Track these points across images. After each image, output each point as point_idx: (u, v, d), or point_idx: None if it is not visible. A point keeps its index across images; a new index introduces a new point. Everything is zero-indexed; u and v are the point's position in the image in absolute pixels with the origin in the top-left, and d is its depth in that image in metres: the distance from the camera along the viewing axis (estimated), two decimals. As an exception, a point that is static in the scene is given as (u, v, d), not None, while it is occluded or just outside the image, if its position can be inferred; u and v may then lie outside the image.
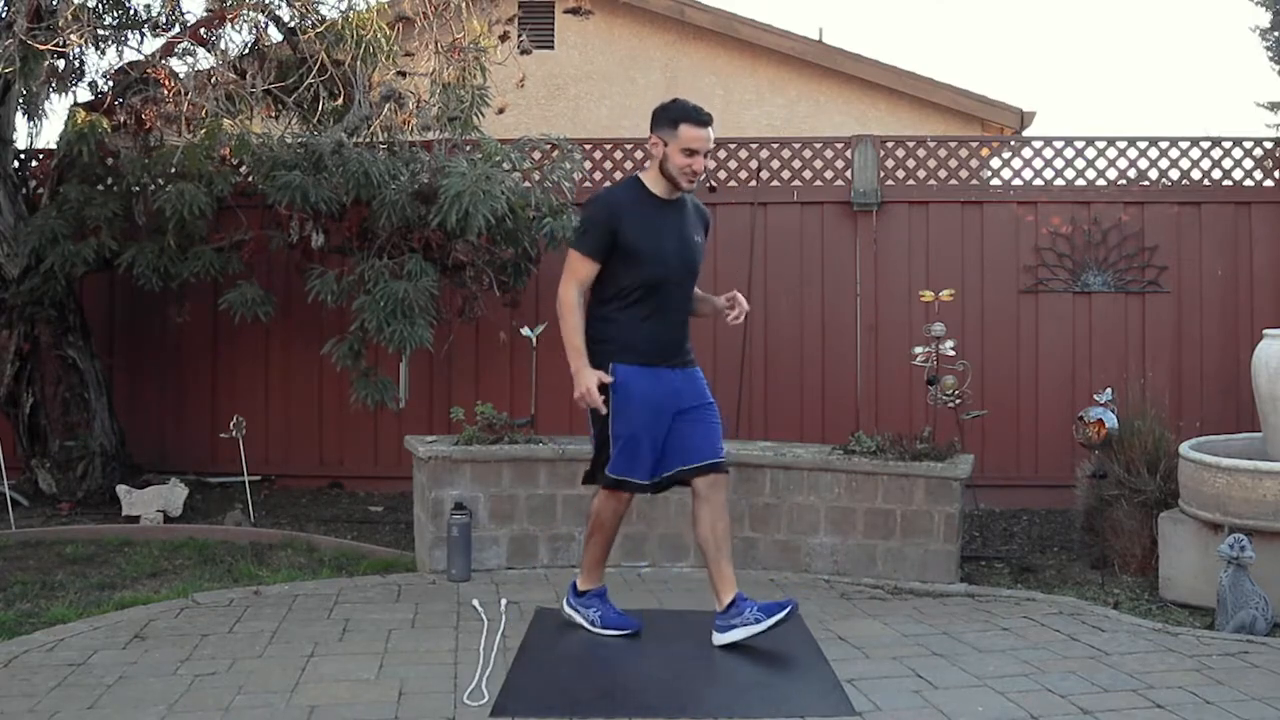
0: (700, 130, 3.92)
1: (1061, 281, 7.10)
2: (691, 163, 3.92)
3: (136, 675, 3.67)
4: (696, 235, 4.08)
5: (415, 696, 3.49)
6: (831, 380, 7.19)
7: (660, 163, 3.96)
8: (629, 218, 3.91)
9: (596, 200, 4.09)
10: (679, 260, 3.99)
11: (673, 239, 3.98)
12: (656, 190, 3.99)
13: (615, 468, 3.94)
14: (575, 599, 4.22)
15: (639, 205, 3.96)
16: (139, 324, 7.43)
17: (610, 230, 3.89)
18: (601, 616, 4.14)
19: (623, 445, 3.92)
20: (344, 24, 6.22)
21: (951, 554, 5.07)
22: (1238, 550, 4.29)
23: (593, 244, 3.91)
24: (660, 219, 3.97)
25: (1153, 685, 3.63)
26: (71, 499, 6.60)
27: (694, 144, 3.90)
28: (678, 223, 4.02)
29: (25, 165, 7.13)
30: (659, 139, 3.95)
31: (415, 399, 7.00)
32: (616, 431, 3.92)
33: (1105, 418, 5.43)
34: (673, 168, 3.93)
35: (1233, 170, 7.11)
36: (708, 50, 11.10)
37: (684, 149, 3.90)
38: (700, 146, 3.91)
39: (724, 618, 3.95)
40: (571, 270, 3.94)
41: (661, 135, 3.95)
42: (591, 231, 3.94)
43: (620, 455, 3.92)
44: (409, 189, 6.22)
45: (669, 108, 3.99)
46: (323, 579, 5.10)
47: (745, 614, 3.91)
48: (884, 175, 7.22)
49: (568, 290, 3.93)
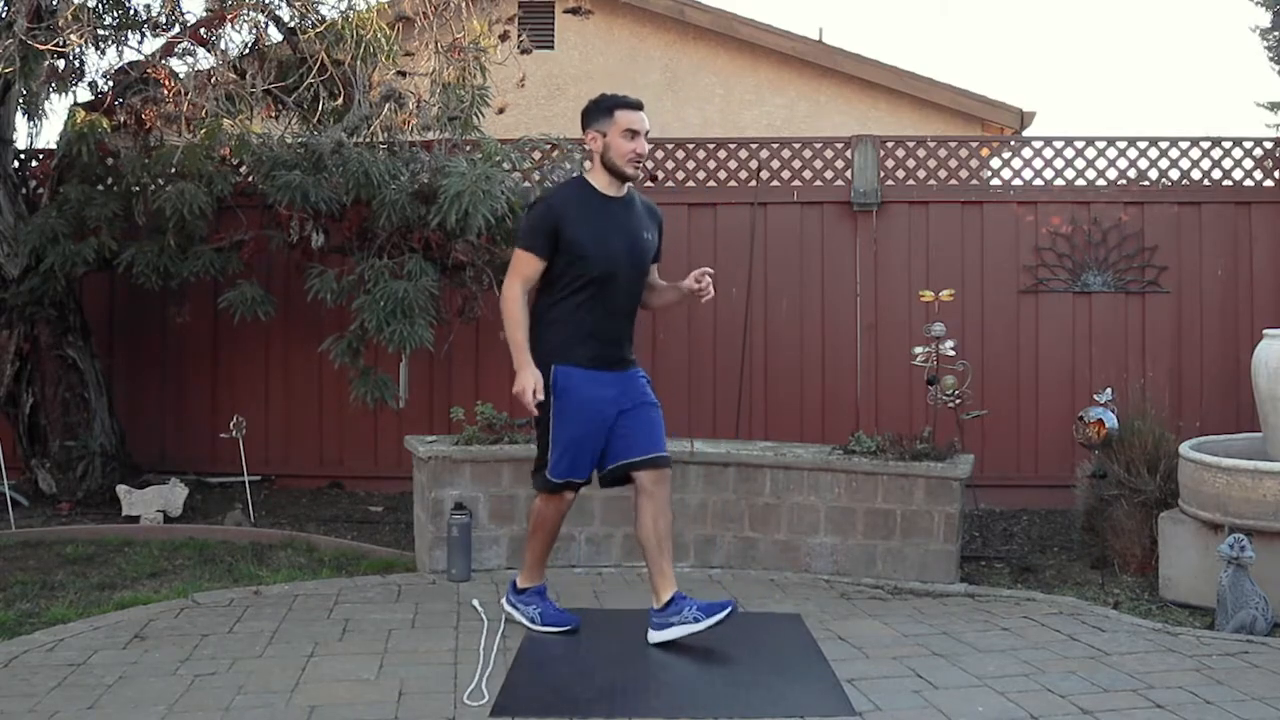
0: (635, 112, 3.95)
1: (1061, 281, 7.10)
2: (635, 146, 3.92)
3: (136, 675, 3.67)
4: (647, 233, 4.06)
5: (415, 696, 3.49)
6: (831, 380, 7.19)
7: (601, 156, 3.95)
8: (572, 215, 3.90)
9: (540, 199, 4.12)
10: (626, 258, 3.97)
11: (620, 236, 3.96)
12: (601, 187, 3.99)
13: (556, 471, 3.96)
14: (515, 596, 4.24)
15: (583, 203, 3.95)
16: (139, 324, 7.43)
17: (553, 228, 3.89)
18: (541, 614, 4.16)
19: (563, 449, 3.93)
20: (344, 24, 6.22)
21: (951, 554, 5.07)
22: (1238, 550, 4.29)
23: (536, 241, 3.91)
24: (606, 216, 3.95)
25: (1153, 685, 3.63)
26: (71, 499, 6.59)
27: (633, 125, 3.92)
28: (625, 220, 4.00)
29: (25, 165, 7.13)
30: (595, 133, 3.96)
31: (415, 399, 7.00)
32: (557, 436, 3.93)
33: (1105, 418, 5.43)
34: (616, 156, 3.93)
35: (1233, 170, 7.11)
36: (708, 50, 11.11)
37: (624, 131, 3.91)
38: (639, 127, 3.93)
39: (661, 615, 3.95)
40: (516, 268, 3.96)
41: (598, 128, 3.95)
42: (535, 229, 3.93)
43: (562, 459, 3.94)
44: (409, 189, 6.21)
45: (599, 101, 4.01)
46: (323, 579, 5.10)
47: (684, 612, 3.91)
48: (884, 175, 7.22)
49: (512, 287, 3.95)
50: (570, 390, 3.91)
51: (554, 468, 3.96)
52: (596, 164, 3.99)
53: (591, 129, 3.97)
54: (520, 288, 3.94)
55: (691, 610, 3.91)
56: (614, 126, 3.92)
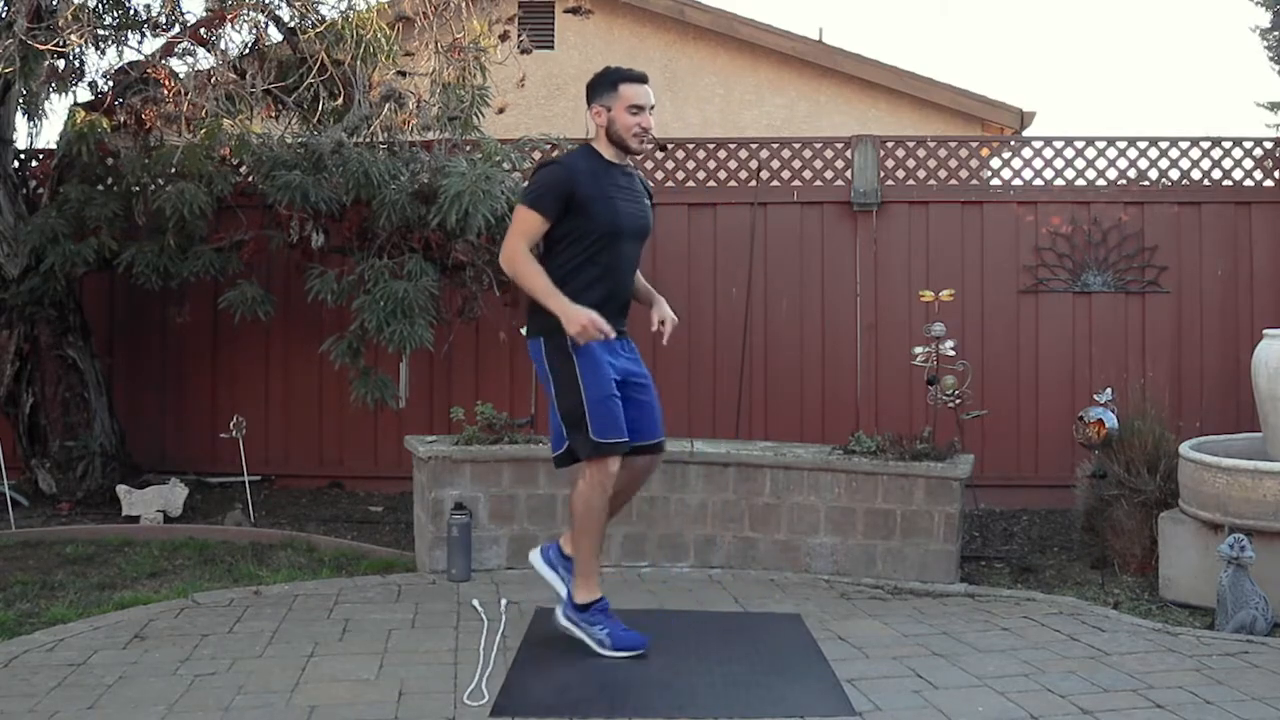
0: (640, 86, 3.92)
1: (1061, 281, 7.10)
2: (640, 120, 3.89)
3: (136, 675, 3.67)
4: (645, 201, 4.07)
5: (415, 696, 3.49)
6: (831, 380, 7.19)
7: (606, 130, 3.93)
8: (585, 180, 3.86)
9: (553, 163, 4.03)
10: (632, 223, 3.96)
11: (627, 202, 3.95)
12: (609, 157, 3.97)
13: (600, 430, 3.75)
14: (577, 614, 3.92)
15: (593, 170, 3.92)
16: (139, 324, 7.43)
17: (568, 192, 3.82)
18: (611, 636, 3.87)
19: (601, 406, 3.77)
20: (344, 24, 6.22)
21: (951, 554, 5.07)
22: (1238, 550, 4.29)
23: (548, 203, 3.82)
24: (614, 183, 3.94)
25: (1153, 685, 3.63)
26: (71, 499, 6.59)
27: (638, 99, 3.89)
28: (629, 189, 4.00)
29: (25, 165, 7.12)
30: (600, 108, 3.92)
31: (415, 399, 7.00)
32: (590, 395, 3.77)
33: (1105, 418, 5.43)
34: (621, 129, 3.90)
35: (1233, 170, 7.11)
36: (708, 50, 11.11)
37: (629, 107, 3.88)
38: (644, 101, 3.90)
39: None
40: (521, 228, 3.84)
41: (602, 103, 3.92)
42: (548, 192, 3.84)
43: (601, 418, 3.76)
44: (409, 189, 6.21)
45: (603, 74, 3.97)
46: (323, 579, 5.10)
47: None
48: (884, 175, 7.22)
49: (517, 245, 3.82)
50: (589, 348, 3.79)
51: (596, 428, 3.75)
52: (601, 137, 3.97)
53: (596, 103, 3.94)
54: (525, 245, 3.83)
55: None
56: (619, 101, 3.89)
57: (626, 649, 3.86)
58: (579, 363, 3.79)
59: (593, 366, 3.79)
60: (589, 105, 3.98)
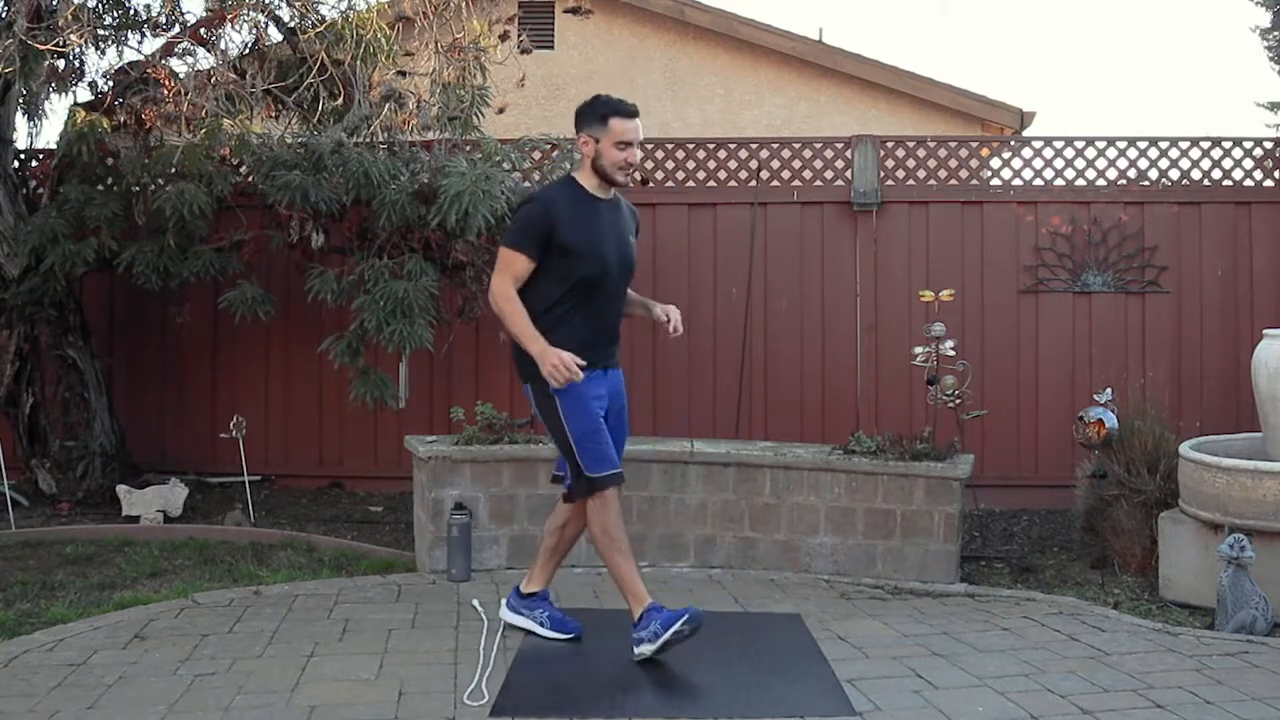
0: (630, 121, 3.90)
1: (1061, 281, 7.10)
2: (626, 155, 3.90)
3: (136, 675, 3.67)
4: (631, 236, 4.08)
5: (415, 696, 3.49)
6: (831, 380, 7.19)
7: (592, 161, 3.93)
8: (566, 217, 3.87)
9: (533, 198, 4.03)
10: (618, 259, 3.96)
11: (611, 238, 3.95)
12: (591, 188, 3.97)
13: (592, 466, 3.85)
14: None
15: (576, 204, 3.92)
16: (139, 324, 7.43)
17: (547, 228, 3.84)
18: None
19: (584, 441, 3.85)
20: (344, 24, 6.22)
21: (951, 554, 5.07)
22: (1238, 550, 4.29)
23: (527, 244, 3.85)
24: (597, 218, 3.94)
25: (1153, 685, 3.64)
26: (71, 499, 6.59)
27: (626, 135, 3.88)
28: (614, 222, 4.00)
29: (25, 165, 7.12)
30: (588, 138, 3.92)
31: (415, 399, 7.00)
32: (575, 432, 3.85)
33: (1105, 418, 5.43)
34: (606, 164, 3.91)
35: (1233, 170, 7.10)
36: (708, 50, 11.11)
37: (616, 143, 3.88)
38: (632, 138, 3.90)
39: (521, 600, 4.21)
40: (506, 268, 3.88)
41: (590, 134, 3.92)
42: (529, 229, 3.87)
43: (588, 453, 3.85)
44: (409, 189, 6.21)
45: (594, 104, 3.96)
46: (323, 579, 5.10)
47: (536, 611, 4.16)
48: (884, 175, 7.22)
49: (504, 285, 3.86)
50: (570, 388, 3.84)
51: (588, 464, 3.85)
52: (586, 166, 3.97)
53: (585, 133, 3.94)
54: (511, 286, 3.87)
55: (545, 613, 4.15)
56: (607, 135, 3.89)
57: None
58: (560, 402, 3.85)
59: (574, 401, 3.85)
60: (577, 132, 3.98)
